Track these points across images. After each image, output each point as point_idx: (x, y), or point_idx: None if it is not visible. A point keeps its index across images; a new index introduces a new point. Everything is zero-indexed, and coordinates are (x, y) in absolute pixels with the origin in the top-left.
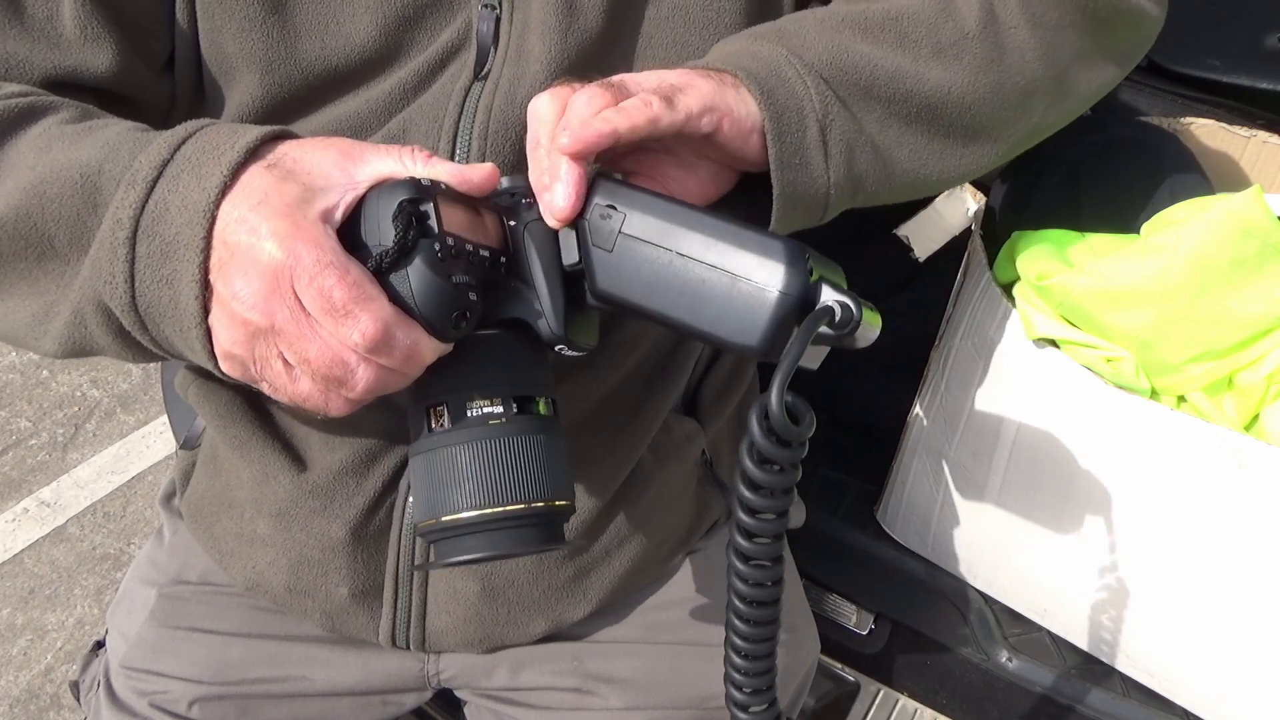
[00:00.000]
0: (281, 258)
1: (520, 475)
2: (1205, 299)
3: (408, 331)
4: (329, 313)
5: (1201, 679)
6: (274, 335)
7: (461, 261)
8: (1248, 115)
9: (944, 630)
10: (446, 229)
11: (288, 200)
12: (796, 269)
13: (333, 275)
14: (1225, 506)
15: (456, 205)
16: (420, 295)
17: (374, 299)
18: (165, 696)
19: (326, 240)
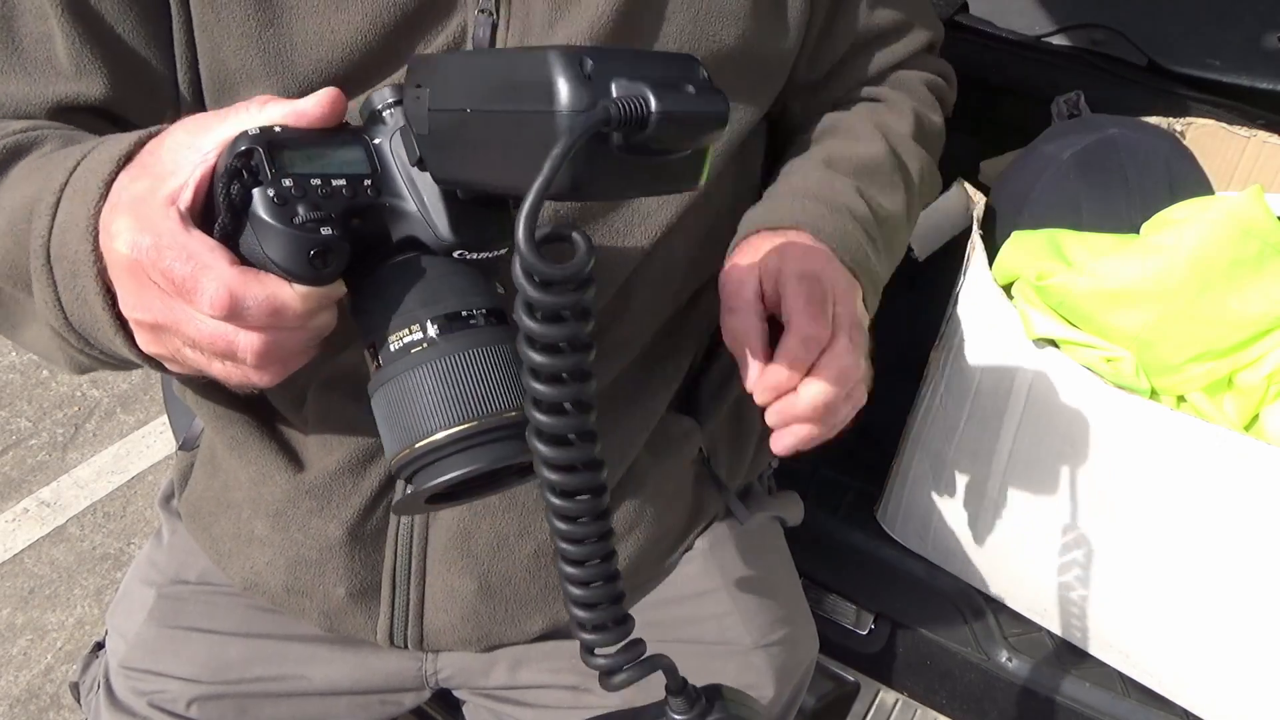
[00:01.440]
0: (127, 253)
1: (477, 389)
2: (1205, 299)
3: (261, 286)
4: (179, 292)
5: (1201, 679)
6: (165, 328)
7: (308, 200)
8: (1248, 115)
9: (944, 630)
10: (284, 171)
11: (135, 195)
12: (569, 77)
13: (169, 254)
14: (1225, 506)
15: (301, 144)
16: (267, 245)
17: (211, 266)
18: (164, 696)
19: (165, 223)
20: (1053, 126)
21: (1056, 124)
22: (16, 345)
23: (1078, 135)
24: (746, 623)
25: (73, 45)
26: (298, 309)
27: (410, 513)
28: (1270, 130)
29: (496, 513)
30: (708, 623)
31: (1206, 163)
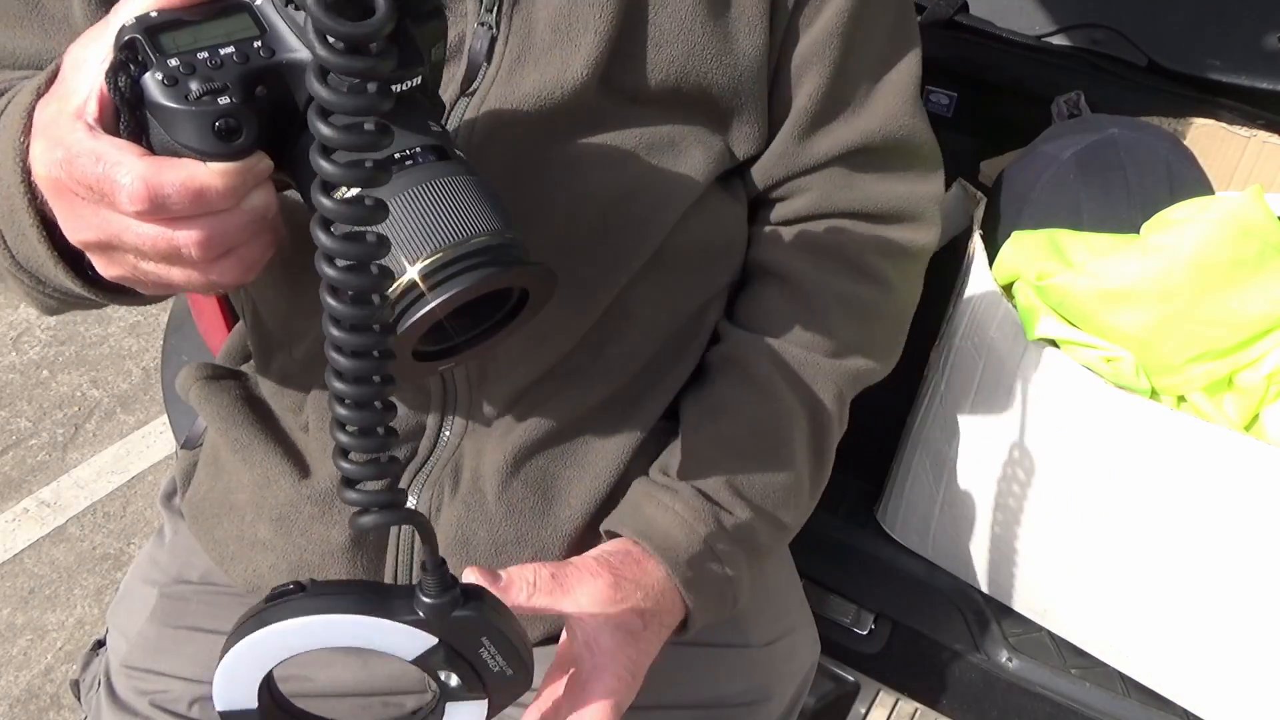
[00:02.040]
0: (45, 173)
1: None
2: (1205, 299)
3: (175, 170)
4: (100, 198)
5: (1201, 679)
6: (110, 245)
7: (198, 75)
8: (1248, 115)
9: (944, 630)
10: (168, 53)
11: (47, 118)
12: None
13: (80, 161)
14: (1225, 506)
15: (182, 24)
16: (170, 130)
17: (120, 161)
18: (166, 696)
19: (73, 134)
20: (1053, 126)
21: (1056, 124)
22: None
23: (1078, 135)
24: (749, 626)
25: (89, 5)
26: (220, 187)
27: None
28: (1270, 130)
29: (494, 519)
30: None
31: (1206, 163)
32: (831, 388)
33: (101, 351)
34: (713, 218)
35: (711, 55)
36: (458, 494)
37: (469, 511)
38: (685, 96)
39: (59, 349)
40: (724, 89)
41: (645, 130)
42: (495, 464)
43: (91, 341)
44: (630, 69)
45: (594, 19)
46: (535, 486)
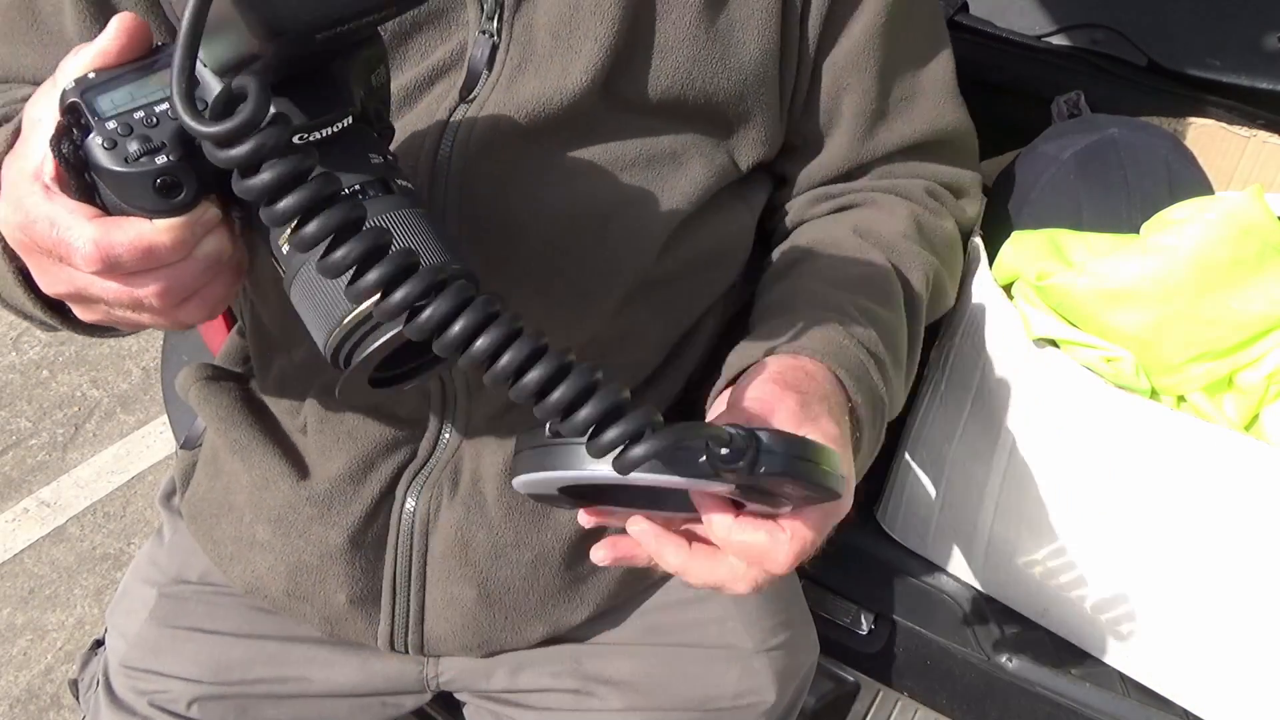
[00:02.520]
0: (11, 235)
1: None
2: (1205, 299)
3: (123, 231)
4: (59, 260)
5: (1201, 679)
6: (80, 296)
7: (135, 134)
8: (1248, 115)
9: (944, 630)
10: (105, 116)
11: (10, 180)
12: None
13: (37, 226)
14: (1225, 506)
15: (118, 82)
16: (115, 191)
17: (71, 225)
18: (165, 696)
19: (30, 198)
20: (1053, 126)
21: (1056, 124)
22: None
23: (1078, 135)
24: (748, 627)
25: (80, 17)
26: (167, 242)
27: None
28: (1270, 130)
29: (494, 522)
30: (709, 627)
31: (1206, 163)
32: (918, 271)
33: (101, 351)
34: (711, 230)
35: (716, 61)
36: (457, 496)
37: (469, 513)
38: (688, 105)
39: (59, 349)
40: (729, 96)
41: (646, 141)
42: (495, 466)
43: (91, 341)
44: (634, 77)
45: (595, 26)
46: None
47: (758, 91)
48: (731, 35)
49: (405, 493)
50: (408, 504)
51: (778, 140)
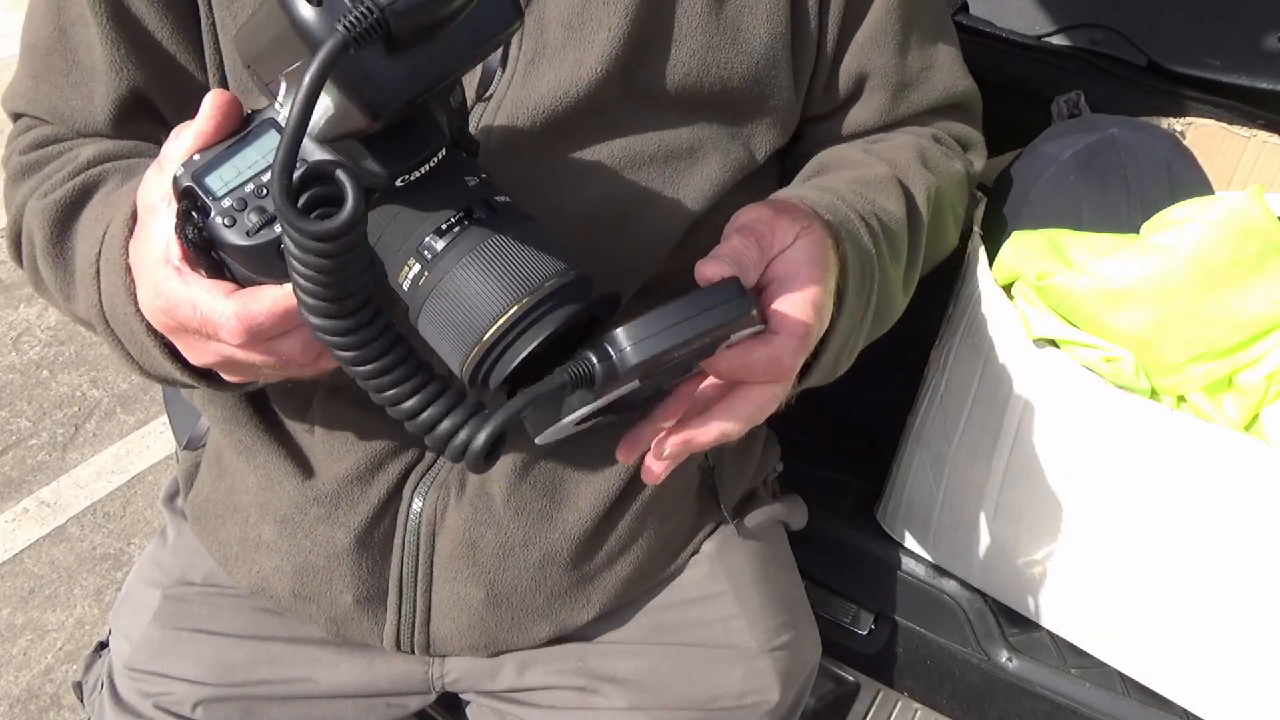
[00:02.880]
0: (154, 318)
1: (506, 275)
2: (1205, 299)
3: (259, 302)
4: (208, 339)
5: (1201, 679)
6: (227, 363)
7: (250, 207)
8: (1248, 115)
9: (944, 630)
10: (219, 194)
11: (140, 265)
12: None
13: (180, 310)
14: (1225, 506)
15: (223, 158)
16: (242, 265)
17: (214, 305)
18: (169, 698)
19: (166, 283)
20: (1053, 126)
21: (1056, 124)
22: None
23: (1078, 135)
24: (752, 627)
25: (106, 45)
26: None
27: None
28: (1270, 130)
29: (502, 522)
30: (713, 626)
31: (1206, 163)
32: (921, 186)
33: (101, 351)
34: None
35: (728, 47)
36: (464, 497)
37: (476, 514)
38: (704, 94)
39: (59, 349)
40: (742, 81)
41: (664, 135)
42: (503, 466)
43: (91, 341)
44: (650, 66)
45: (607, 16)
46: (544, 489)
47: (770, 76)
48: (741, 20)
49: (412, 493)
50: (414, 505)
51: (792, 125)
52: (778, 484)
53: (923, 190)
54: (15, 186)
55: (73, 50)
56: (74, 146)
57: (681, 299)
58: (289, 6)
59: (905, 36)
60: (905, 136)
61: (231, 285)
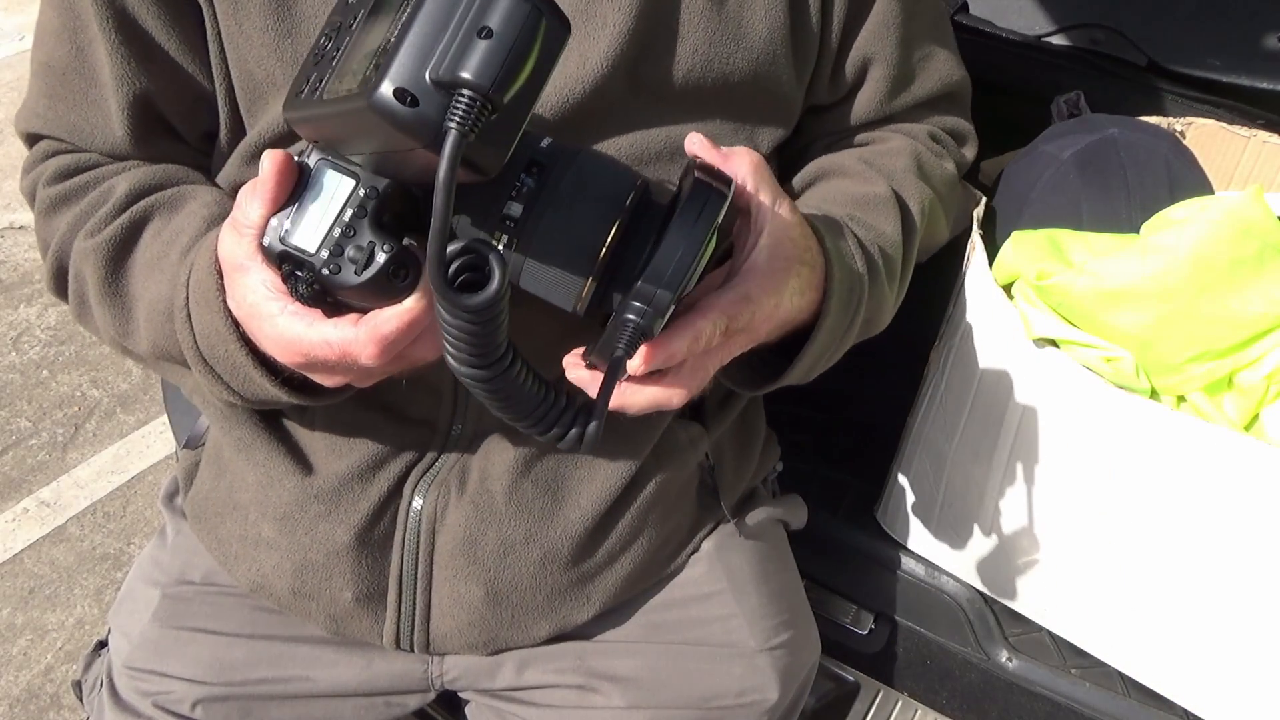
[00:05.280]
0: (295, 364)
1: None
2: (1205, 299)
3: (388, 322)
4: (346, 369)
5: (1201, 679)
6: (361, 378)
7: (345, 253)
8: (1248, 115)
9: (944, 630)
10: (311, 249)
11: (258, 324)
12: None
13: (316, 352)
14: (1225, 506)
15: (299, 213)
16: (359, 301)
17: (348, 338)
18: (169, 697)
19: (289, 332)
20: (1053, 126)
21: (1056, 124)
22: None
23: (1078, 135)
24: (752, 626)
25: (115, 59)
26: (421, 308)
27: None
28: (1270, 130)
29: (503, 520)
30: (713, 625)
31: (1206, 163)
32: (915, 200)
33: (101, 351)
34: None
35: (730, 42)
36: (465, 494)
37: (477, 511)
38: (707, 89)
39: (59, 349)
40: (744, 76)
41: (670, 131)
42: (505, 464)
43: (91, 341)
44: (655, 62)
45: (611, 13)
46: (545, 487)
47: (771, 69)
48: (741, 15)
49: (412, 491)
50: (415, 502)
51: (794, 117)
52: (778, 483)
53: (917, 203)
54: (49, 220)
55: (91, 69)
56: (104, 178)
57: (676, 221)
58: (388, 114)
59: (907, 28)
60: (901, 140)
61: (353, 315)
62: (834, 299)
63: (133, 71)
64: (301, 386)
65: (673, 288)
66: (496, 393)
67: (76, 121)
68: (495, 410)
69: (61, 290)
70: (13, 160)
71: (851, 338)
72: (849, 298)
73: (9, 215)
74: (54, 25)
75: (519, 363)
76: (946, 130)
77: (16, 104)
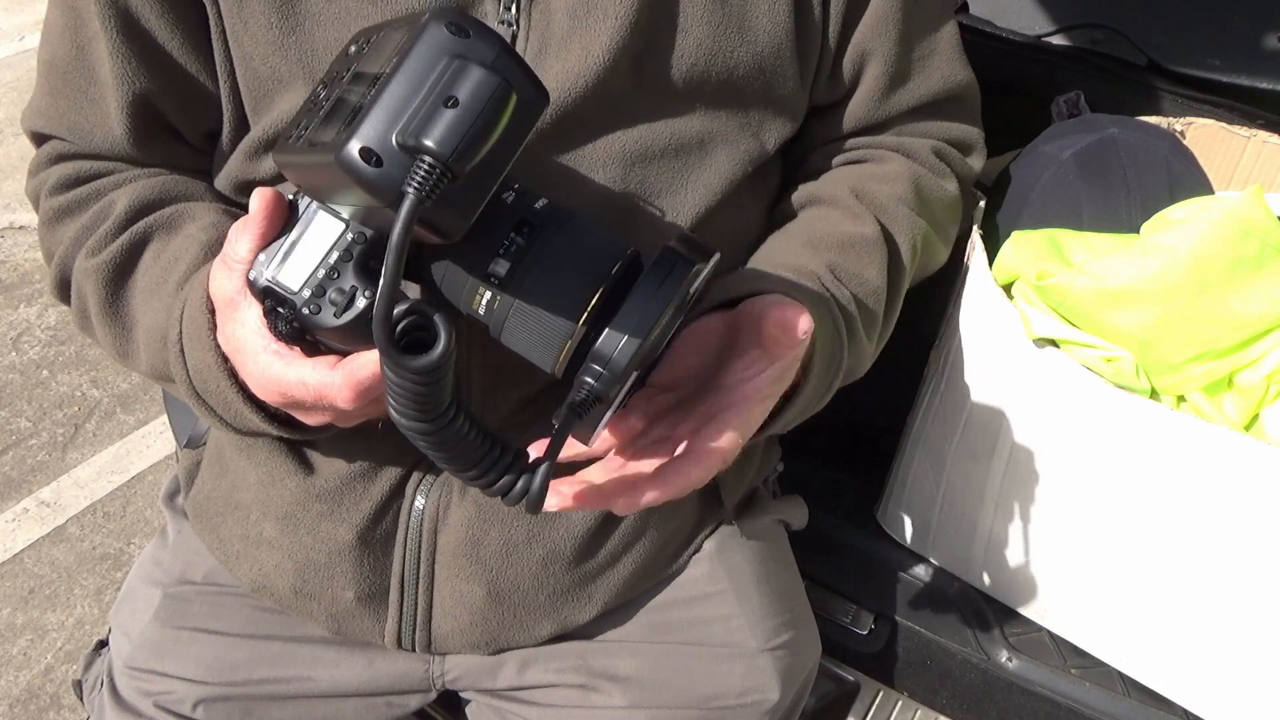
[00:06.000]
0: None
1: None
2: (1205, 299)
3: (362, 365)
4: (323, 410)
5: (1201, 679)
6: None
7: (327, 294)
8: (1248, 115)
9: (944, 630)
10: (293, 289)
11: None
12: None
13: (294, 391)
14: (1225, 506)
15: (287, 253)
16: (338, 342)
17: (324, 379)
18: (170, 697)
19: (269, 370)
20: (1053, 126)
21: (1056, 124)
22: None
23: (1078, 135)
24: (753, 626)
25: (116, 58)
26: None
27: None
28: (1270, 130)
29: (506, 519)
30: (714, 625)
31: (1206, 163)
32: (906, 236)
33: (101, 351)
34: (736, 212)
35: (733, 35)
36: (467, 494)
37: (479, 511)
38: (712, 84)
39: (59, 349)
40: (748, 70)
41: (675, 125)
42: None
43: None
44: (659, 56)
45: (613, 6)
46: None
47: (775, 64)
48: (745, 8)
49: (414, 491)
50: (417, 502)
51: (799, 114)
52: (778, 484)
53: (908, 241)
54: (52, 230)
55: (91, 67)
56: (105, 190)
57: (637, 288)
58: (352, 171)
59: (906, 25)
60: (900, 164)
61: (332, 357)
62: (813, 372)
63: (133, 71)
64: (289, 421)
65: (626, 357)
66: (439, 446)
67: (77, 120)
68: (439, 463)
69: (66, 299)
70: (13, 160)
71: (830, 395)
72: (829, 364)
73: (9, 215)
74: (58, 24)
75: (461, 416)
76: (952, 141)
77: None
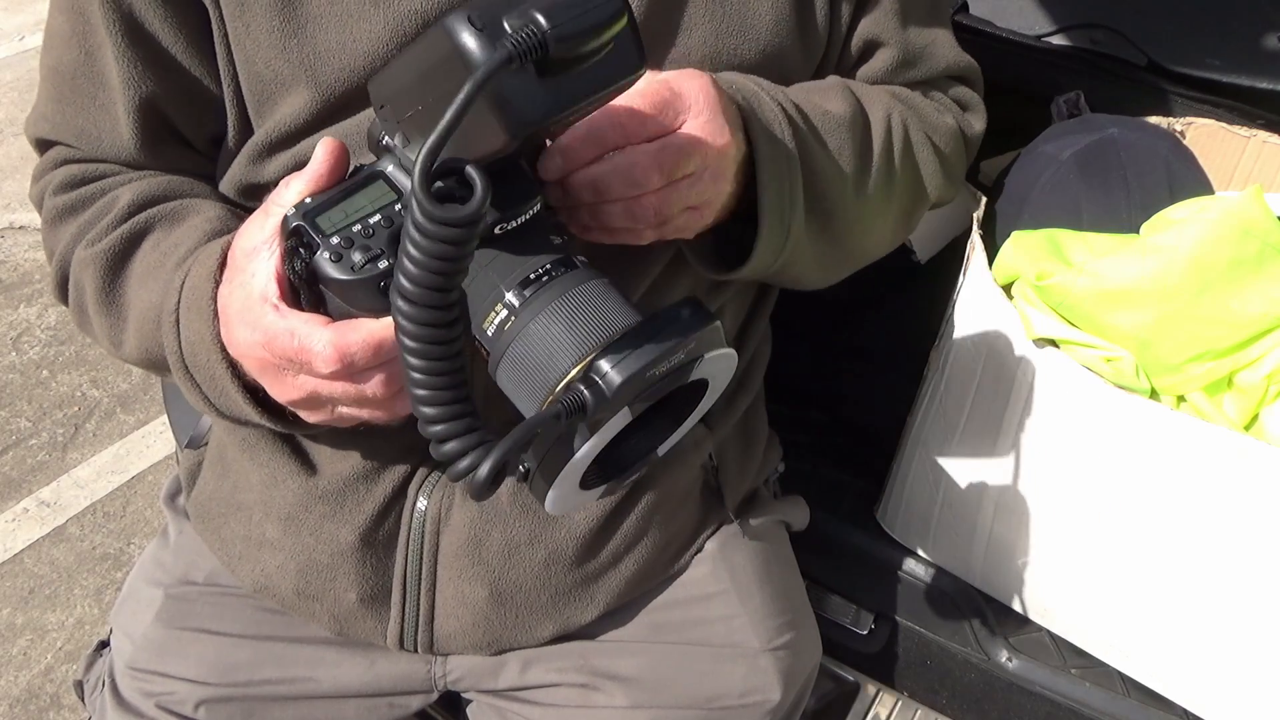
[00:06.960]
0: (250, 353)
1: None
2: (1205, 299)
3: (356, 332)
4: (301, 368)
5: (1201, 679)
6: (311, 400)
7: (356, 245)
8: (1248, 115)
9: (944, 630)
10: (328, 233)
11: (238, 306)
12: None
13: (278, 340)
14: (1225, 506)
15: (332, 202)
16: (345, 298)
17: (311, 334)
18: (171, 698)
19: (265, 318)
20: (1053, 126)
21: (1056, 124)
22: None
23: (1078, 135)
24: (754, 626)
25: (122, 63)
26: (388, 336)
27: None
28: (1270, 130)
29: (508, 520)
30: (716, 625)
31: (1206, 163)
32: (879, 108)
33: (101, 351)
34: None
35: (736, 34)
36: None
37: (481, 513)
38: None
39: (59, 349)
40: (753, 67)
41: None
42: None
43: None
44: (662, 56)
45: None
46: None
47: (779, 61)
48: (746, 7)
49: (417, 492)
50: (419, 503)
51: None
52: (779, 484)
53: (882, 110)
54: (55, 229)
55: (99, 72)
56: (109, 188)
57: (648, 320)
58: (453, 33)
59: (913, 15)
60: (883, 89)
61: (327, 318)
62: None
63: (139, 75)
64: (276, 412)
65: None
66: (427, 344)
67: (84, 126)
68: (414, 384)
69: (65, 298)
70: (13, 160)
71: (796, 207)
72: (776, 154)
73: (9, 215)
74: (63, 30)
75: (461, 330)
76: (950, 95)
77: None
